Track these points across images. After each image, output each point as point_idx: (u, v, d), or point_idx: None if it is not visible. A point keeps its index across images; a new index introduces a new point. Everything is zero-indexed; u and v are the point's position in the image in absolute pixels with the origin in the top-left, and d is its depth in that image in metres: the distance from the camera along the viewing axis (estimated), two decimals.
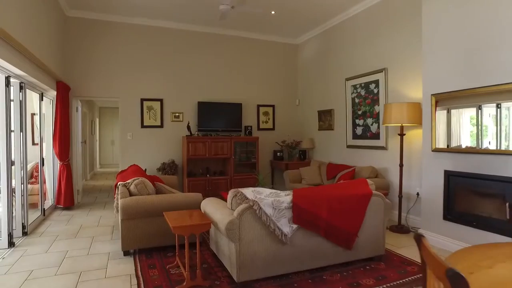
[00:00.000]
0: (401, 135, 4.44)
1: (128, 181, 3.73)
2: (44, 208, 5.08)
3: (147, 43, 6.41)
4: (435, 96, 3.80)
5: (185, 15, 6.16)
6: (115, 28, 6.19)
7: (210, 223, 2.79)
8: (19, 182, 4.21)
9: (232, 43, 7.09)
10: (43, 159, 5.19)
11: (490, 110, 3.42)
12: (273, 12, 5.98)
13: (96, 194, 7.22)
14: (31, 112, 5.22)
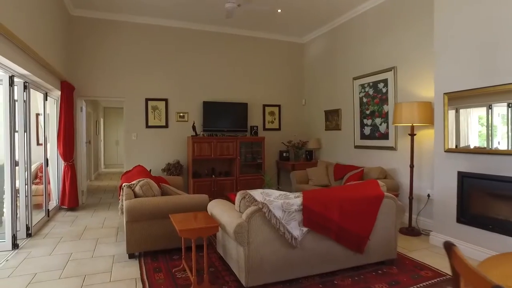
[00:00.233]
0: (412, 135, 4.33)
1: (133, 182, 3.66)
2: (49, 209, 5.03)
3: (152, 42, 6.35)
4: (448, 95, 3.69)
5: (190, 14, 6.09)
6: (120, 27, 6.14)
7: (218, 226, 2.70)
8: (23, 183, 4.15)
9: (238, 42, 7.01)
10: (47, 160, 5.14)
11: (500, 110, 3.33)
12: (280, 11, 5.89)
13: (101, 195, 7.17)
14: (36, 112, 5.17)
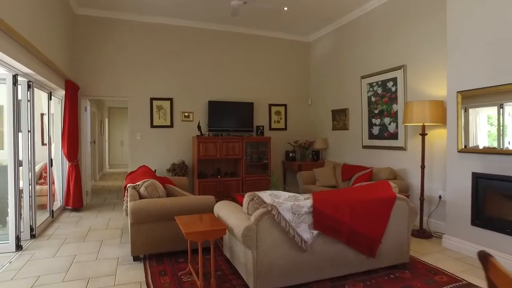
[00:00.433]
0: (423, 135, 4.21)
1: (138, 183, 3.59)
2: (53, 210, 4.97)
3: (157, 41, 6.28)
4: (462, 94, 3.57)
5: (195, 12, 6.01)
6: (124, 26, 6.08)
7: (225, 229, 2.62)
8: (27, 183, 4.10)
9: (243, 41, 6.93)
10: (52, 160, 5.09)
11: (511, 109, 3.22)
12: (286, 8, 5.80)
13: (105, 195, 7.12)
14: (41, 112, 5.13)
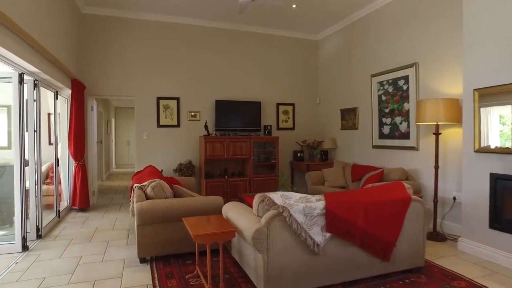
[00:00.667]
0: (437, 134, 4.08)
1: (145, 183, 3.52)
2: (59, 210, 4.94)
3: (163, 40, 6.22)
4: (479, 91, 3.44)
5: (202, 10, 5.94)
6: (131, 25, 6.03)
7: (235, 231, 2.53)
8: (33, 183, 4.06)
9: (251, 39, 6.84)
10: (58, 160, 5.05)
11: None
12: (294, 6, 5.70)
13: (112, 195, 7.08)
14: (48, 112, 5.09)
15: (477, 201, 3.47)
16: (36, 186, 4.10)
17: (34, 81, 4.03)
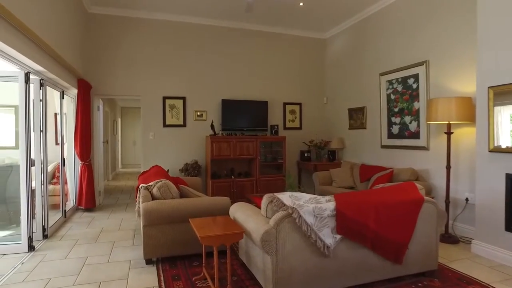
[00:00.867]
0: (448, 134, 3.98)
1: (151, 184, 3.47)
2: (65, 210, 4.92)
3: (169, 40, 6.19)
4: (493, 89, 3.34)
5: (208, 9, 5.89)
6: (137, 25, 6.00)
7: (243, 233, 2.47)
8: (40, 183, 4.04)
9: (257, 38, 6.77)
10: (64, 159, 5.04)
11: None
12: (301, 4, 5.62)
13: (118, 195, 7.07)
14: (54, 112, 5.08)
15: (492, 203, 3.36)
16: (42, 186, 4.08)
17: (40, 81, 4.01)
